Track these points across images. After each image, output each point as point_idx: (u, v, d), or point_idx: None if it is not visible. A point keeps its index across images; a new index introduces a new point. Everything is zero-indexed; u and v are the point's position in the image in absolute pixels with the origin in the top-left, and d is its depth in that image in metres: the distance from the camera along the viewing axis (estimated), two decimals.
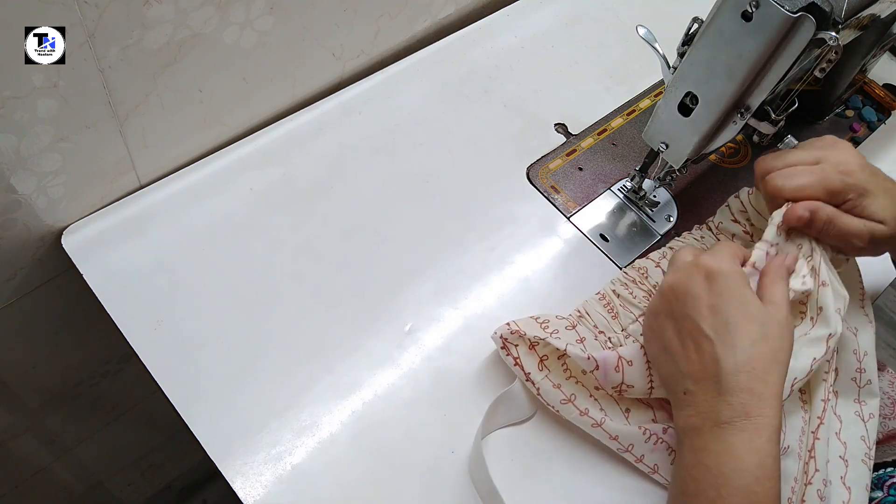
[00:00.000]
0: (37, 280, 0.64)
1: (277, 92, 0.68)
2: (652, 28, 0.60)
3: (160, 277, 0.59)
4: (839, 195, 0.52)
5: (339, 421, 0.55)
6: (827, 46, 0.51)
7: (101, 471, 1.00)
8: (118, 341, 0.56)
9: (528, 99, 0.77)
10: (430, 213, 0.67)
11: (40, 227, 0.59)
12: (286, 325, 0.58)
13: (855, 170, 0.53)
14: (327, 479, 0.52)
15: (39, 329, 0.70)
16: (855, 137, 0.82)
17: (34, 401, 0.78)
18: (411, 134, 0.72)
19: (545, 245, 0.67)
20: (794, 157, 0.54)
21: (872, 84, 0.86)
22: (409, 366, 0.58)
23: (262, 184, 0.65)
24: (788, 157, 0.55)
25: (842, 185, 0.52)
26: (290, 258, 0.62)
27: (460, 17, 0.83)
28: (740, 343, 0.46)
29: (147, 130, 0.60)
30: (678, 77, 0.58)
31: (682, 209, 0.72)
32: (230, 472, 0.52)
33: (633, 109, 0.79)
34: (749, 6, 0.51)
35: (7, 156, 0.51)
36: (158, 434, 1.03)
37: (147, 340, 0.56)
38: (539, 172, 0.72)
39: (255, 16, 0.59)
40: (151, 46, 0.53)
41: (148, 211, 0.62)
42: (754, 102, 0.56)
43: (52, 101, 0.51)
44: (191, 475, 1.21)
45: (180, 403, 0.54)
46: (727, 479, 0.44)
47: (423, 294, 0.62)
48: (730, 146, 0.78)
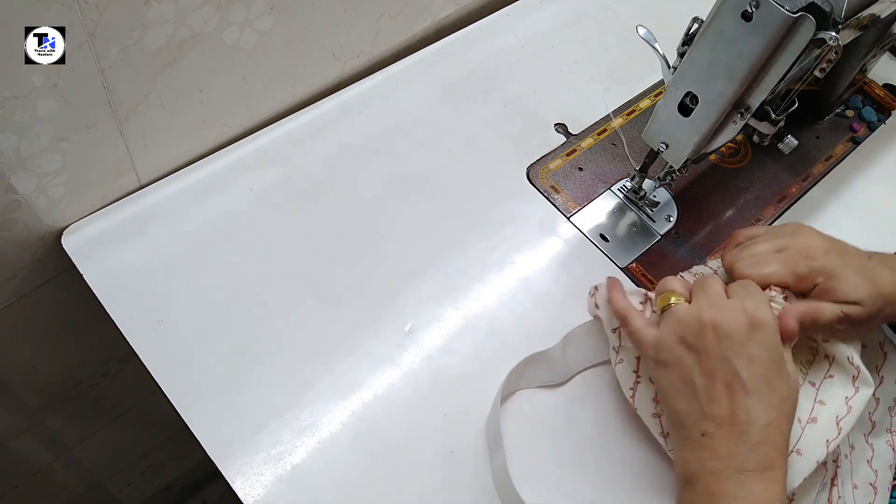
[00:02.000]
0: (37, 280, 0.64)
1: (277, 92, 0.68)
2: (652, 28, 0.60)
3: (160, 277, 0.59)
4: (806, 280, 0.52)
5: (339, 421, 0.55)
6: (827, 46, 0.51)
7: (101, 471, 1.00)
8: (118, 341, 0.56)
9: (528, 99, 0.77)
10: (430, 212, 0.67)
11: (40, 227, 0.59)
12: (286, 325, 0.58)
13: (819, 254, 0.52)
14: (327, 479, 0.52)
15: (39, 329, 0.70)
16: (855, 137, 0.82)
17: (34, 401, 0.78)
18: (411, 134, 0.72)
19: (545, 245, 0.67)
20: (758, 248, 0.55)
21: (872, 84, 0.86)
22: (409, 366, 0.58)
23: (262, 184, 0.65)
24: (753, 249, 0.55)
25: (808, 269, 0.52)
26: (290, 258, 0.62)
27: (460, 17, 0.83)
28: (774, 399, 0.46)
29: (147, 130, 0.60)
30: (678, 77, 0.58)
31: (682, 209, 0.72)
32: (230, 472, 0.52)
33: (633, 109, 0.79)
34: (749, 6, 0.50)
35: (7, 156, 0.51)
36: (158, 434, 1.03)
37: (147, 340, 0.56)
38: (539, 172, 0.72)
39: (255, 16, 0.59)
40: (151, 46, 0.53)
41: (148, 211, 0.62)
42: (754, 102, 0.56)
43: (52, 101, 0.51)
44: (191, 475, 1.21)
45: (180, 403, 0.54)
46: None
47: (423, 294, 0.62)
48: (730, 146, 0.78)
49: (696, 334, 0.48)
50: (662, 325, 0.51)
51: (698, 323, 0.48)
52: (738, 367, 0.46)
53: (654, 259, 0.68)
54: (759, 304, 0.48)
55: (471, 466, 0.54)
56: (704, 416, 0.47)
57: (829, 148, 0.81)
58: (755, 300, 0.49)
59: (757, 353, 0.47)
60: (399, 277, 0.62)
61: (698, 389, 0.47)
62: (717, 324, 0.47)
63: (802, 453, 0.50)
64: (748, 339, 0.47)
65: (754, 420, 0.45)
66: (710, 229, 0.71)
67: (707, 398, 0.47)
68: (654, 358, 0.50)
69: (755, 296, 0.49)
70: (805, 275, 0.52)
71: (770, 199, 0.75)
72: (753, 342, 0.47)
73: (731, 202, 0.74)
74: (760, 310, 0.48)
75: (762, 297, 0.50)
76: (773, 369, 0.47)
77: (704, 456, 0.46)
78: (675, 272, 0.66)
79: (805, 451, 0.50)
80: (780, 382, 0.47)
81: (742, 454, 0.45)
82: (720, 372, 0.47)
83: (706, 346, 0.47)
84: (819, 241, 0.54)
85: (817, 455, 0.50)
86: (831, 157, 0.80)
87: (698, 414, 0.47)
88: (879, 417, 0.57)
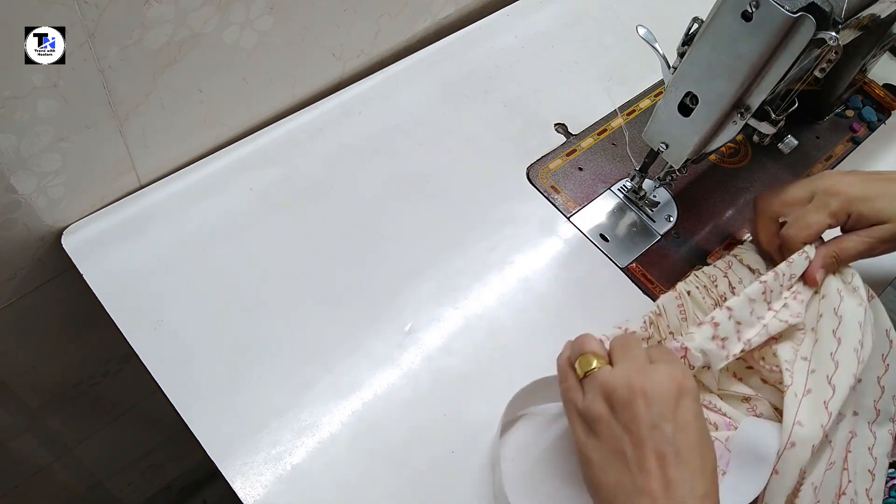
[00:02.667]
0: (37, 280, 0.64)
1: (277, 92, 0.68)
2: (652, 28, 0.60)
3: (160, 277, 0.59)
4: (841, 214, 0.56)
5: (339, 421, 0.55)
6: (827, 46, 0.51)
7: (101, 471, 1.00)
8: (118, 341, 0.56)
9: (528, 99, 0.77)
10: (430, 212, 0.67)
11: (40, 227, 0.59)
12: (286, 325, 0.58)
13: (843, 187, 0.57)
14: (327, 479, 0.52)
15: (39, 329, 0.70)
16: (855, 137, 0.82)
17: (34, 401, 0.78)
18: (411, 134, 0.72)
19: (545, 245, 0.67)
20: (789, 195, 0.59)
21: (872, 84, 0.86)
22: (409, 366, 0.58)
23: (262, 184, 0.65)
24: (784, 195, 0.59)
25: (838, 204, 0.56)
26: (290, 258, 0.62)
27: (460, 17, 0.83)
28: (707, 468, 0.44)
29: (147, 130, 0.60)
30: (678, 77, 0.58)
31: (682, 209, 0.72)
32: (230, 472, 0.52)
33: (633, 109, 0.79)
34: (749, 6, 0.50)
35: (7, 156, 0.51)
36: (158, 434, 1.03)
37: (147, 340, 0.56)
38: (539, 172, 0.72)
39: (255, 16, 0.59)
40: (151, 46, 0.53)
41: (148, 211, 0.62)
42: (754, 102, 0.56)
43: (52, 101, 0.51)
44: (191, 475, 1.21)
45: (180, 403, 0.54)
46: None
47: (423, 294, 0.62)
48: (730, 146, 0.78)
49: (624, 401, 0.45)
50: (588, 391, 0.47)
51: (627, 389, 0.45)
52: (668, 434, 0.44)
53: (654, 259, 0.68)
54: (684, 370, 0.47)
55: (471, 466, 0.54)
56: (636, 489, 0.43)
57: (829, 148, 0.81)
58: (677, 366, 0.47)
59: (687, 420, 0.45)
60: (399, 277, 0.62)
61: (629, 460, 0.44)
62: (646, 390, 0.45)
63: (804, 425, 0.51)
64: (677, 406, 0.45)
65: (691, 491, 0.42)
66: (710, 229, 0.71)
67: (639, 469, 0.43)
68: (582, 424, 0.47)
69: (674, 361, 0.48)
70: (838, 210, 0.55)
71: None
72: (682, 409, 0.45)
73: (731, 202, 0.74)
74: (686, 376, 0.46)
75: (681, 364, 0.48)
76: (702, 437, 0.45)
77: None
78: (676, 272, 0.67)
79: (806, 423, 0.51)
80: (709, 450, 0.45)
81: None
82: (651, 441, 0.44)
83: (636, 415, 0.44)
84: (843, 175, 0.58)
85: (821, 420, 0.51)
86: (831, 157, 0.80)
87: (629, 487, 0.44)
88: (884, 406, 0.57)
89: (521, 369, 0.59)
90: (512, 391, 0.56)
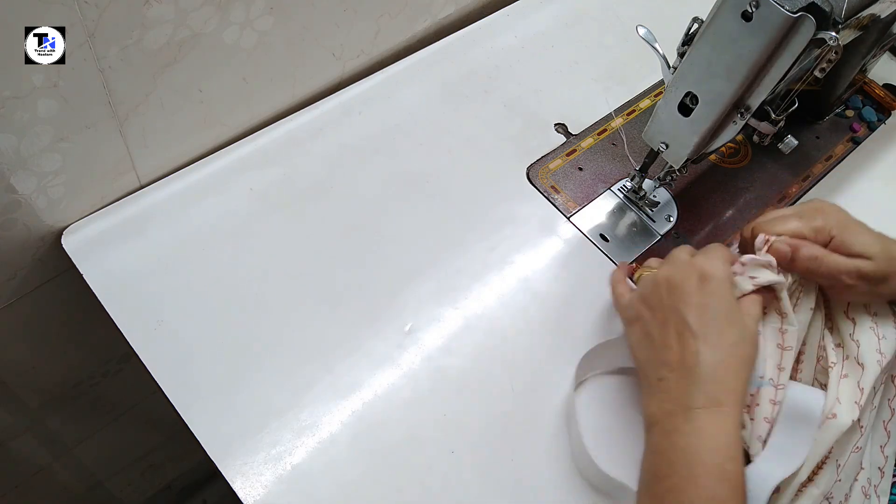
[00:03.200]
0: (37, 280, 0.64)
1: (277, 92, 0.68)
2: (652, 28, 0.60)
3: (160, 277, 0.59)
4: (822, 232, 0.54)
5: (339, 421, 0.55)
6: (827, 46, 0.51)
7: (101, 471, 1.00)
8: (118, 341, 0.56)
9: (528, 99, 0.77)
10: (430, 212, 0.67)
11: (40, 227, 0.59)
12: (286, 325, 0.58)
13: (832, 211, 0.56)
14: (327, 479, 0.52)
15: (39, 329, 0.70)
16: (855, 137, 0.82)
17: (34, 401, 0.78)
18: (411, 134, 0.72)
19: (545, 245, 0.67)
20: (779, 212, 0.57)
21: (872, 84, 0.86)
22: (409, 366, 0.58)
23: (262, 184, 0.65)
24: (774, 213, 0.58)
25: (823, 222, 0.55)
26: (290, 258, 0.62)
27: (460, 17, 0.83)
28: (721, 342, 0.49)
29: (147, 130, 0.60)
30: (678, 77, 0.58)
31: (682, 209, 0.72)
32: (230, 472, 0.52)
33: (633, 109, 0.79)
34: (749, 6, 0.51)
35: (7, 156, 0.51)
36: (158, 434, 1.03)
37: (147, 340, 0.56)
38: (539, 172, 0.72)
39: (255, 16, 0.59)
40: (151, 46, 0.53)
41: (148, 211, 0.62)
42: (754, 102, 0.56)
43: (52, 101, 0.51)
44: (191, 475, 1.21)
45: (180, 403, 0.54)
46: (699, 457, 0.46)
47: (423, 294, 0.62)
48: (730, 146, 0.78)
49: (656, 293, 0.53)
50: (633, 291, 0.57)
51: (657, 282, 0.53)
52: (686, 315, 0.50)
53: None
54: (712, 260, 0.52)
55: (471, 466, 0.54)
56: (660, 362, 0.51)
57: (829, 148, 0.81)
58: (709, 256, 0.53)
59: (706, 301, 0.51)
60: (399, 277, 0.62)
61: (654, 339, 0.52)
62: (671, 279, 0.53)
63: (842, 403, 0.52)
64: (697, 290, 0.51)
65: (702, 361, 0.49)
66: (710, 229, 0.72)
67: (661, 345, 0.51)
68: (623, 317, 0.57)
69: (711, 253, 0.53)
70: (820, 227, 0.54)
71: (770, 199, 0.75)
72: (703, 293, 0.51)
73: (731, 202, 0.74)
74: (710, 264, 0.52)
75: (719, 255, 0.53)
76: (721, 317, 0.50)
77: (661, 399, 0.50)
78: None
79: (844, 401, 0.52)
80: (731, 329, 0.50)
81: (691, 393, 0.48)
82: (672, 321, 0.51)
83: (662, 302, 0.52)
84: (831, 203, 0.57)
85: (854, 397, 0.52)
86: (831, 157, 0.80)
87: (655, 361, 0.52)
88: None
89: (521, 369, 0.59)
90: (512, 391, 0.56)
